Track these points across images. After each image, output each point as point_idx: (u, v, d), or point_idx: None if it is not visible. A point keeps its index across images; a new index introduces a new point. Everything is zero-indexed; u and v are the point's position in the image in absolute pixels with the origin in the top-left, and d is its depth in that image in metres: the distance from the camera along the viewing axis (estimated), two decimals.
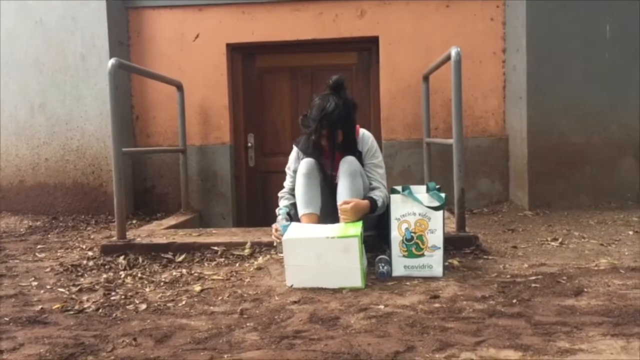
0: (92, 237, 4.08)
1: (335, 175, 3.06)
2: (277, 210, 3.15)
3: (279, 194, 3.32)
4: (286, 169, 3.31)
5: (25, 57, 4.97)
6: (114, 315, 2.34)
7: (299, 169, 3.07)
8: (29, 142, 5.03)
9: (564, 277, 2.60)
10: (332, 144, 3.04)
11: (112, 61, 3.48)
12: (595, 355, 1.73)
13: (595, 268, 2.77)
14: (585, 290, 2.41)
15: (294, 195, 3.16)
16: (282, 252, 2.78)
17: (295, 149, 3.27)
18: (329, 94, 3.01)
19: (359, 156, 3.11)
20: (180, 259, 3.21)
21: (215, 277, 2.87)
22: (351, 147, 3.11)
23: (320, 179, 3.07)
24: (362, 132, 3.21)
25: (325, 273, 2.58)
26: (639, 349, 1.76)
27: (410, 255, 2.75)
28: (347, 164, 2.99)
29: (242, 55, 5.22)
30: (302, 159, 3.12)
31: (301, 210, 3.03)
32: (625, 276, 2.60)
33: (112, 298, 2.57)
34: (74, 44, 4.87)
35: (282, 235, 2.79)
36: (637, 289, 2.39)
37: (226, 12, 5.03)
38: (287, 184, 3.30)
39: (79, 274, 3.05)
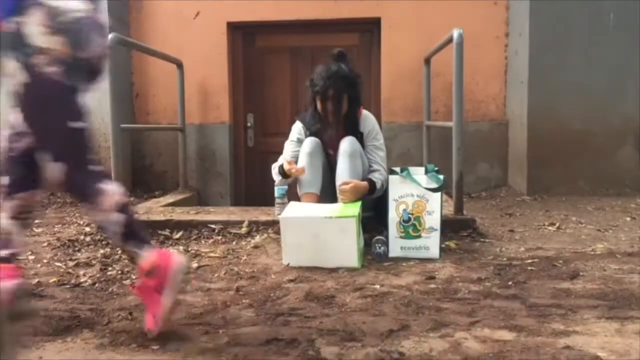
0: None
1: (335, 154, 3.05)
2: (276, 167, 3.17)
3: (273, 166, 3.21)
4: (286, 143, 3.25)
5: None
6: (110, 289, 2.35)
7: (302, 147, 3.06)
8: None
9: (560, 261, 2.61)
10: (337, 111, 3.03)
11: (111, 36, 3.45)
12: (589, 337, 1.73)
13: (592, 253, 2.78)
14: (581, 274, 2.41)
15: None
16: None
17: (298, 124, 3.25)
18: (334, 62, 3.08)
19: (361, 137, 3.11)
20: (178, 236, 3.20)
21: (212, 254, 2.87)
22: (353, 126, 3.11)
23: (322, 159, 3.07)
24: (365, 113, 3.20)
25: (322, 252, 2.58)
26: (633, 332, 1.77)
27: (407, 236, 2.75)
28: (348, 144, 2.98)
29: (242, 35, 5.19)
30: (306, 136, 3.12)
31: (301, 190, 3.03)
32: (621, 261, 2.61)
33: (109, 273, 2.58)
34: None
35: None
36: (633, 274, 2.39)
37: None
38: (285, 156, 3.19)
39: (76, 248, 3.05)
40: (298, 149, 3.12)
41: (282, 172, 3.05)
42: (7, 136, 1.80)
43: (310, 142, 3.06)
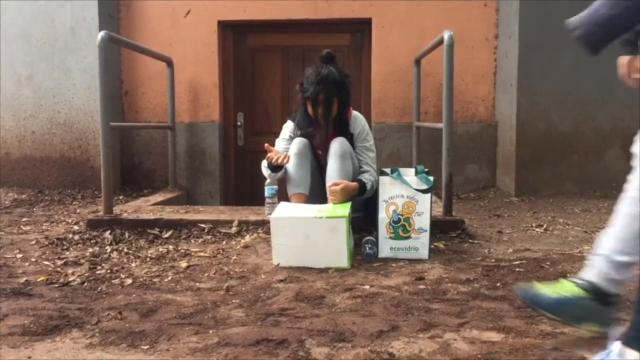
0: (78, 211, 4.05)
1: (325, 155, 3.06)
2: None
3: (263, 162, 3.19)
4: (277, 141, 3.24)
5: (12, 28, 4.89)
6: (99, 289, 2.34)
7: (290, 147, 3.07)
8: (16, 114, 4.96)
9: (548, 263, 2.63)
10: (327, 115, 3.04)
11: (102, 34, 3.42)
12: (576, 339, 1.75)
13: (579, 254, 2.80)
14: (568, 275, 2.43)
15: None
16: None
17: (290, 123, 3.25)
18: (323, 64, 3.06)
19: (351, 138, 3.11)
20: (167, 235, 3.20)
21: (201, 254, 2.87)
22: (343, 127, 3.11)
23: (311, 159, 3.08)
24: (355, 114, 3.21)
25: (312, 253, 2.59)
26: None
27: (396, 237, 2.76)
28: (338, 145, 2.99)
29: (233, 33, 5.18)
30: (296, 136, 3.12)
31: (290, 190, 3.03)
32: None
33: (98, 272, 2.57)
34: (64, 16, 4.80)
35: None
36: None
37: None
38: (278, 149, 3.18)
39: (65, 247, 3.04)
40: (289, 146, 3.12)
41: (270, 165, 3.03)
42: None
43: (298, 142, 3.06)
